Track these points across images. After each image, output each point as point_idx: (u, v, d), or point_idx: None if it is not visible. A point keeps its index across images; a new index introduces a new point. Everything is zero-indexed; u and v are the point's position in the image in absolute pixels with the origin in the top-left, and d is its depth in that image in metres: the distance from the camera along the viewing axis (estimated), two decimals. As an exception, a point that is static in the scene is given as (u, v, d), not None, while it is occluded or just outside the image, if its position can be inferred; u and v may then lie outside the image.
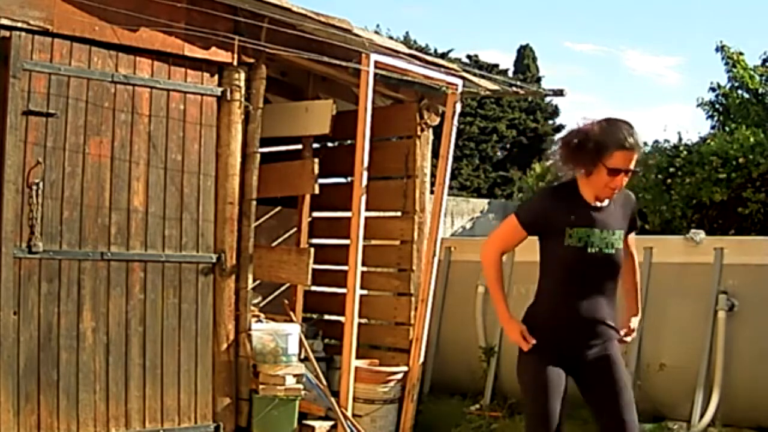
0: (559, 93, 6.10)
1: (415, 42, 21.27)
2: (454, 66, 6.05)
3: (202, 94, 4.92)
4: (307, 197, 6.24)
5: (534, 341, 3.26)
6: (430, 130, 6.21)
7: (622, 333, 3.37)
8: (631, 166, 3.18)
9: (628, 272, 3.46)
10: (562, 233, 3.23)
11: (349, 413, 5.16)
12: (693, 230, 5.72)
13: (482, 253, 3.41)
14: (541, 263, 3.34)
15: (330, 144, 6.86)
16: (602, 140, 3.15)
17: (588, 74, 37.39)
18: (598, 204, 3.28)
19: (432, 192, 5.97)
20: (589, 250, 3.21)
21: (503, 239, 3.41)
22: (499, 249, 3.39)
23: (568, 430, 3.32)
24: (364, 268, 5.53)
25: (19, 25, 4.24)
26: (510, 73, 21.63)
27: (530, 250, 3.40)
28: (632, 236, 3.47)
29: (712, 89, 12.76)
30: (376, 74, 5.19)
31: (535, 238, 3.35)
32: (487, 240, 3.47)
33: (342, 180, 6.40)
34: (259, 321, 5.27)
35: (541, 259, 3.34)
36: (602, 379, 3.25)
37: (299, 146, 6.24)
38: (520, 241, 3.37)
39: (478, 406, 6.16)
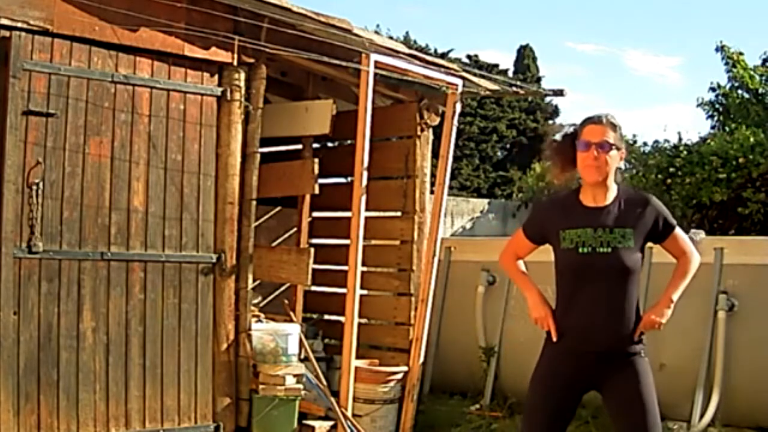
0: (559, 93, 6.09)
1: (415, 42, 21.25)
2: (454, 66, 6.05)
3: (202, 94, 4.91)
4: (307, 197, 6.24)
5: (553, 330, 3.25)
6: (430, 130, 6.21)
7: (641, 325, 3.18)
8: (601, 140, 3.16)
9: (676, 268, 3.32)
10: (557, 238, 3.25)
11: (349, 413, 5.16)
12: (693, 230, 5.70)
13: (500, 261, 3.59)
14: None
15: (330, 144, 6.86)
16: (575, 127, 3.32)
17: (588, 74, 37.43)
18: (598, 205, 3.22)
19: (432, 192, 5.97)
20: (580, 250, 3.16)
21: (513, 248, 3.54)
22: (511, 255, 3.54)
23: (569, 429, 3.31)
24: (364, 268, 5.53)
25: (19, 25, 4.24)
26: (510, 73, 21.61)
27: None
28: (678, 237, 3.30)
29: (712, 89, 12.80)
30: (376, 74, 5.19)
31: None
32: (502, 250, 3.59)
33: (342, 180, 6.39)
34: (259, 321, 5.27)
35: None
36: (624, 400, 3.14)
37: (299, 146, 6.24)
38: (530, 249, 3.47)
39: (478, 406, 6.17)
